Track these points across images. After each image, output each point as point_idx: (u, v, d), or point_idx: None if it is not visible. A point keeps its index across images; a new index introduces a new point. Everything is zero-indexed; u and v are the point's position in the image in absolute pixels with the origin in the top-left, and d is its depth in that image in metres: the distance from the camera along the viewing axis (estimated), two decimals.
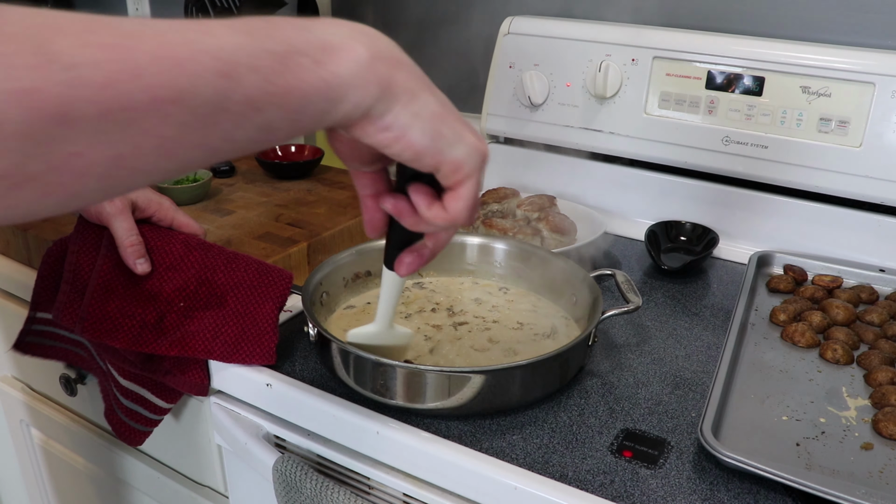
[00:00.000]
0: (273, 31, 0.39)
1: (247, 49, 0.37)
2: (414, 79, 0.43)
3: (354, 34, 0.41)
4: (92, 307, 0.70)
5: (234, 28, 0.37)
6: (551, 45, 1.11)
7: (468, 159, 0.45)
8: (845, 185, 0.95)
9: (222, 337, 0.72)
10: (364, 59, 0.41)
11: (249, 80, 0.37)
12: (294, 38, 0.39)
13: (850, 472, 0.61)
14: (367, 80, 0.41)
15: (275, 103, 0.38)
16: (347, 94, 0.40)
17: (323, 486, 0.68)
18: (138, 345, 0.71)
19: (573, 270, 0.82)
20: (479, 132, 0.48)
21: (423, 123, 0.43)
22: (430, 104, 0.44)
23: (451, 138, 0.44)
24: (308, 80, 0.39)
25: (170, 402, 0.82)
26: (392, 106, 0.42)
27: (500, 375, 0.66)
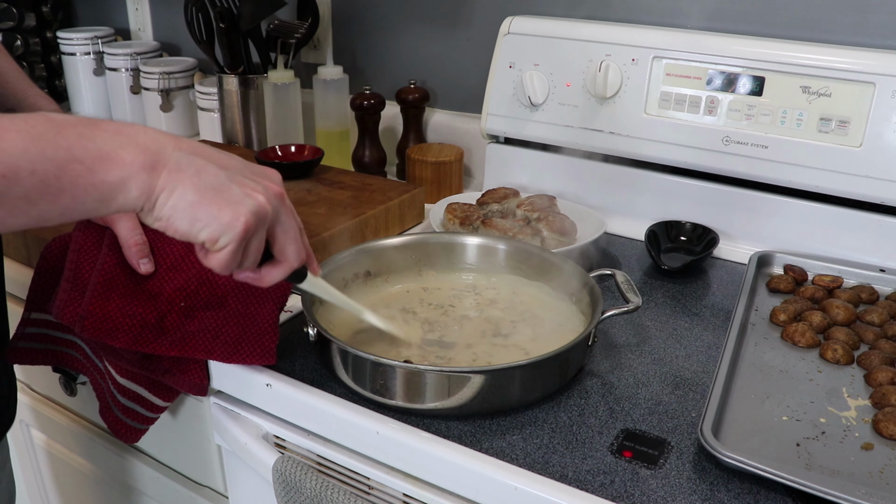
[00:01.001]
0: (58, 138, 0.47)
1: (29, 155, 0.45)
2: (175, 174, 0.52)
3: (127, 143, 0.50)
4: (93, 306, 0.70)
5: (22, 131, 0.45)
6: (551, 45, 1.11)
7: (222, 236, 0.54)
8: (845, 185, 0.95)
9: (223, 337, 0.72)
10: (130, 169, 0.49)
11: (27, 181, 0.45)
12: (74, 147, 0.47)
13: (850, 472, 0.61)
14: (132, 186, 0.50)
15: (48, 201, 0.46)
16: (116, 197, 0.50)
17: (323, 486, 0.68)
18: (138, 344, 0.71)
19: (573, 270, 0.82)
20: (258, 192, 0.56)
21: (181, 213, 0.53)
22: (186, 196, 0.52)
23: (207, 221, 0.53)
24: (80, 185, 0.47)
25: (167, 400, 0.82)
26: (154, 204, 0.52)
27: (499, 375, 0.66)
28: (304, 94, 1.37)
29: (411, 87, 1.30)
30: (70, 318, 0.72)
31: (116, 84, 1.60)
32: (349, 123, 1.35)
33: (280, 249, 0.60)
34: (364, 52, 1.44)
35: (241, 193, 0.54)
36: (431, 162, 1.19)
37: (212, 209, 0.53)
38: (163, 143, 0.52)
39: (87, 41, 1.62)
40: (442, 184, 1.20)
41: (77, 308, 0.72)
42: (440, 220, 1.03)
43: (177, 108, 1.55)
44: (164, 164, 0.51)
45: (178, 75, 1.53)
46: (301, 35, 1.33)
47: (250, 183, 0.56)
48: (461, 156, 1.23)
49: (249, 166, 0.58)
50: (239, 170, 0.56)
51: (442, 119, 1.35)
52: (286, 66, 1.32)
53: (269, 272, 0.61)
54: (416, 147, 1.25)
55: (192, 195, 0.52)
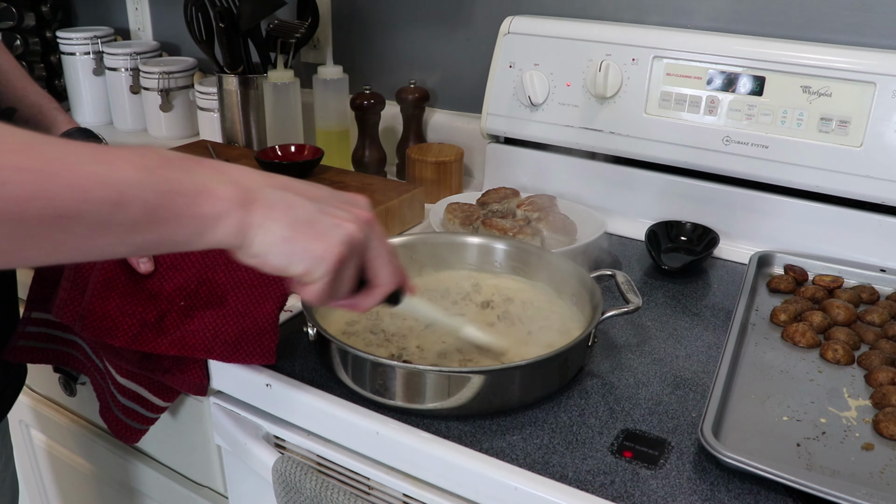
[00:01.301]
0: (163, 170, 0.49)
1: (138, 183, 0.47)
2: (267, 211, 0.53)
3: (225, 180, 0.52)
4: (92, 305, 0.70)
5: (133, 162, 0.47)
6: (551, 45, 1.11)
7: (314, 268, 0.55)
8: (846, 184, 0.94)
9: (222, 336, 0.72)
10: (226, 202, 0.51)
11: (134, 210, 0.47)
12: (177, 180, 0.49)
13: (850, 472, 0.61)
14: (227, 222, 0.51)
15: (150, 229, 0.48)
16: (211, 230, 0.51)
17: (323, 486, 0.68)
18: (138, 344, 0.71)
19: (573, 270, 0.82)
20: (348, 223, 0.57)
21: (275, 248, 0.54)
22: (277, 232, 0.53)
23: (300, 255, 0.54)
24: (181, 216, 0.49)
25: (167, 400, 0.82)
26: (250, 241, 0.53)
27: (499, 376, 0.66)
28: (304, 94, 1.37)
29: (411, 87, 1.30)
30: (70, 317, 0.72)
31: (116, 84, 1.60)
32: (349, 123, 1.35)
33: (374, 274, 0.60)
34: (364, 52, 1.44)
35: (331, 224, 0.55)
36: (431, 162, 1.19)
37: (304, 243, 0.54)
38: (256, 180, 0.54)
39: (87, 41, 1.62)
40: (442, 184, 1.20)
41: (77, 307, 0.72)
42: (440, 220, 1.03)
43: (176, 108, 1.55)
44: (256, 200, 0.53)
45: (177, 75, 1.53)
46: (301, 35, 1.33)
47: (339, 213, 0.57)
48: (461, 156, 1.23)
49: (337, 195, 0.59)
50: (327, 200, 0.58)
51: (442, 119, 1.35)
52: (286, 66, 1.32)
53: (365, 298, 0.61)
54: (416, 147, 1.25)
55: (285, 230, 0.54)
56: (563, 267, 0.83)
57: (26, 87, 0.86)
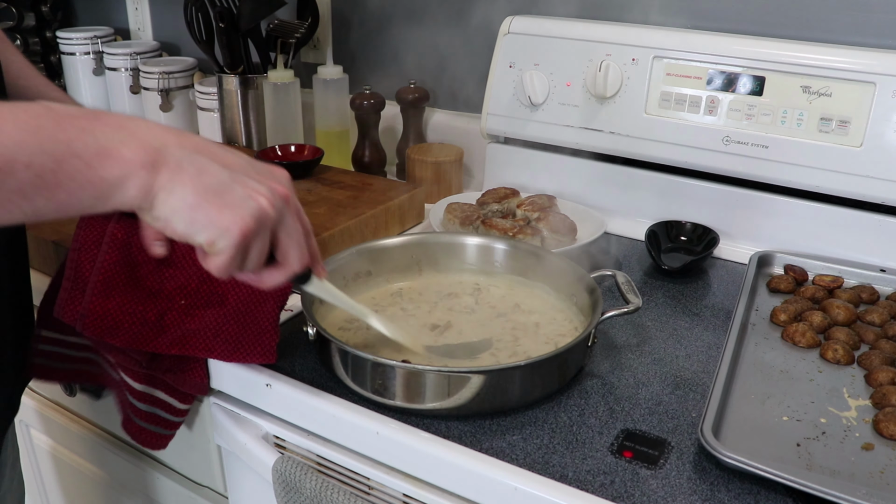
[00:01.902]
0: (58, 131, 0.45)
1: (26, 147, 0.44)
2: (175, 174, 0.50)
3: (128, 139, 0.49)
4: (93, 304, 0.70)
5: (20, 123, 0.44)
6: (551, 45, 1.11)
7: (219, 239, 0.53)
8: (846, 184, 0.94)
9: (223, 336, 0.72)
10: (130, 164, 0.48)
11: (22, 175, 0.44)
12: (74, 141, 0.46)
13: (850, 472, 0.61)
14: (130, 184, 0.49)
15: (44, 196, 0.45)
16: (114, 194, 0.49)
17: (323, 486, 0.68)
18: (139, 343, 0.71)
19: (573, 270, 0.82)
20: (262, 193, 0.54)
21: (179, 215, 0.51)
22: (185, 198, 0.51)
23: (204, 224, 0.52)
24: (77, 181, 0.46)
25: (185, 402, 0.81)
26: (154, 203, 0.51)
27: (498, 376, 0.66)
28: (303, 94, 1.37)
29: (411, 87, 1.30)
30: (71, 316, 0.72)
31: (116, 84, 1.60)
32: (349, 123, 1.35)
33: (282, 253, 0.58)
34: (364, 52, 1.44)
35: (242, 195, 0.53)
36: (431, 162, 1.19)
37: (210, 212, 0.51)
38: (165, 139, 0.51)
39: (87, 41, 1.62)
40: (442, 184, 1.20)
41: (77, 306, 0.72)
42: (440, 220, 1.03)
43: (176, 108, 1.55)
44: (164, 162, 0.50)
45: (177, 75, 1.53)
46: (301, 35, 1.33)
47: (254, 184, 0.54)
48: (461, 156, 1.23)
49: (255, 165, 0.56)
50: (243, 169, 0.54)
51: (442, 119, 1.35)
52: (286, 66, 1.32)
53: (270, 275, 0.59)
54: (416, 147, 1.25)
55: (192, 197, 0.51)
56: (563, 267, 0.83)
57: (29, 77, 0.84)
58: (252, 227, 0.53)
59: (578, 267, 0.82)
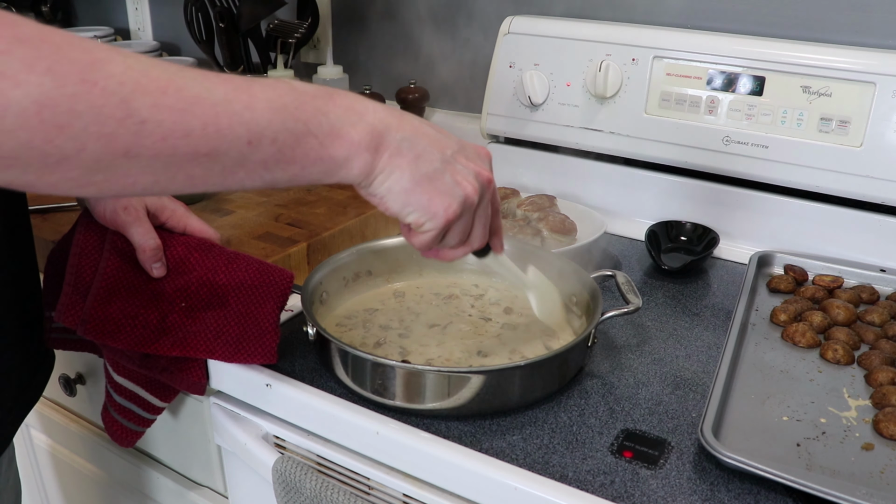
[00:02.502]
0: (299, 111, 0.50)
1: (273, 125, 0.49)
2: (395, 158, 0.55)
3: (357, 121, 0.53)
4: (94, 309, 0.70)
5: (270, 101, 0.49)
6: (551, 45, 1.11)
7: (426, 222, 0.58)
8: (846, 185, 0.94)
9: (224, 337, 0.72)
10: (356, 146, 0.53)
11: (267, 150, 0.49)
12: (311, 121, 0.51)
13: (850, 472, 0.61)
14: (355, 164, 0.53)
15: (282, 168, 0.50)
16: (339, 171, 0.53)
17: (323, 486, 0.68)
18: (140, 346, 0.71)
19: (573, 270, 0.82)
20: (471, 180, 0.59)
21: (394, 196, 0.56)
22: (402, 182, 0.56)
23: (415, 207, 0.57)
24: (311, 157, 0.51)
25: (165, 400, 0.81)
26: (372, 182, 0.55)
27: (498, 376, 0.66)
28: None
29: (411, 87, 1.30)
30: (72, 321, 0.72)
31: None
32: None
33: (471, 233, 0.63)
34: (364, 53, 1.44)
35: (452, 183, 0.57)
36: None
37: (423, 198, 0.56)
38: (389, 122, 0.55)
39: None
40: None
41: (79, 311, 0.72)
42: None
43: None
44: (386, 146, 0.54)
45: None
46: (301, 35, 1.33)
47: (463, 170, 0.58)
48: None
49: (465, 147, 0.60)
50: (455, 153, 0.59)
51: (442, 119, 1.35)
52: (286, 66, 1.32)
53: (452, 251, 0.64)
54: None
55: (408, 182, 0.56)
56: (563, 267, 0.83)
57: None
58: (457, 213, 0.58)
59: (578, 267, 0.82)
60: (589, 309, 0.76)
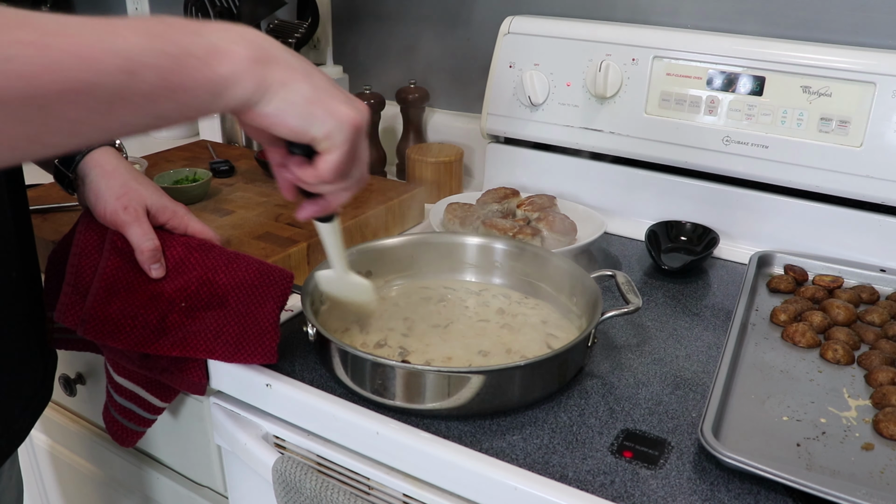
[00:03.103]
0: (170, 33, 0.47)
1: (147, 50, 0.45)
2: (288, 71, 0.52)
3: (237, 38, 0.50)
4: (94, 309, 0.70)
5: (138, 30, 0.46)
6: (551, 45, 1.11)
7: (336, 132, 0.54)
8: (846, 185, 0.94)
9: (224, 337, 0.72)
10: (243, 61, 0.50)
11: (147, 77, 0.45)
12: (187, 42, 0.48)
13: (850, 472, 0.61)
14: (245, 78, 0.50)
15: (167, 97, 0.47)
16: (228, 90, 0.50)
17: (323, 486, 0.68)
18: (140, 346, 0.71)
19: (573, 271, 0.82)
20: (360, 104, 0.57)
21: (295, 109, 0.52)
22: (301, 91, 0.53)
23: (321, 117, 0.53)
24: (196, 78, 0.48)
25: (165, 400, 0.81)
26: (267, 97, 0.52)
27: (498, 376, 0.66)
28: None
29: (411, 87, 1.30)
30: (72, 321, 0.72)
31: None
32: None
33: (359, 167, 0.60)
34: (364, 53, 1.44)
35: (347, 97, 0.56)
36: (431, 162, 1.19)
37: (329, 105, 0.54)
38: (271, 41, 0.53)
39: None
40: (442, 184, 1.20)
41: (79, 311, 0.72)
42: (440, 220, 1.03)
43: None
44: (275, 59, 0.52)
45: None
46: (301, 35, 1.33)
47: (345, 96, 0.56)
48: (461, 156, 1.23)
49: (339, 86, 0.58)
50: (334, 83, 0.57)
51: (442, 119, 1.35)
52: None
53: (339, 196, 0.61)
54: (416, 147, 1.25)
55: (309, 91, 0.53)
56: (563, 267, 0.83)
57: None
58: (363, 123, 0.56)
59: (578, 267, 0.82)
60: (589, 309, 0.76)
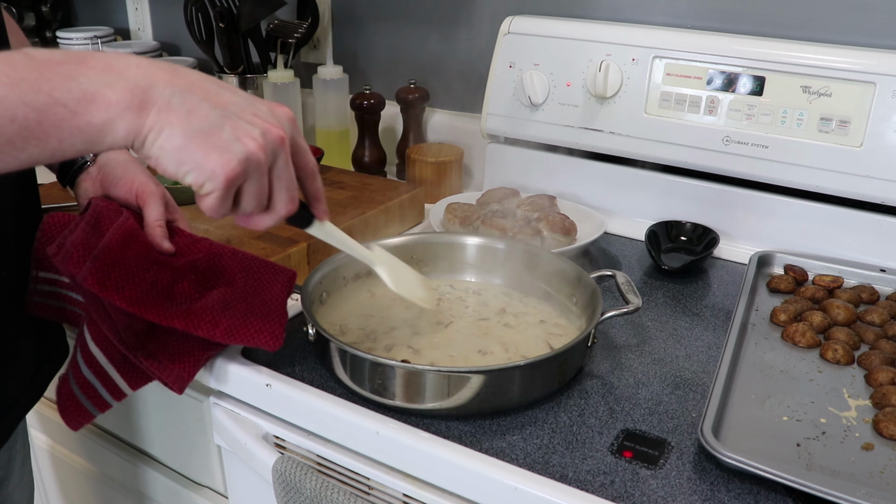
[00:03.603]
0: (40, 81, 0.47)
1: (7, 101, 0.45)
2: (164, 114, 0.51)
3: (114, 80, 0.49)
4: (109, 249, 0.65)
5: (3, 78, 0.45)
6: (551, 45, 1.11)
7: (207, 182, 0.53)
8: (846, 185, 0.94)
9: (230, 312, 0.69)
10: (115, 107, 0.49)
11: (7, 128, 0.45)
12: (57, 90, 0.47)
13: (850, 472, 0.61)
14: (118, 126, 0.50)
15: (34, 145, 0.47)
16: (104, 136, 0.50)
17: (323, 486, 0.68)
18: (143, 305, 0.65)
19: (573, 270, 0.82)
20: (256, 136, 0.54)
21: (168, 155, 0.52)
22: (172, 139, 0.51)
23: (191, 166, 0.52)
24: (64, 128, 0.48)
25: (132, 386, 0.74)
26: (143, 142, 0.51)
27: (498, 376, 0.66)
28: (303, 94, 1.37)
29: (411, 87, 1.30)
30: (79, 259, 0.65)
31: None
32: (349, 123, 1.35)
33: (272, 197, 0.57)
34: (364, 52, 1.44)
35: (231, 139, 0.52)
36: (431, 162, 1.19)
37: (196, 154, 0.51)
38: (154, 78, 0.51)
39: (87, 41, 1.62)
40: (442, 184, 1.20)
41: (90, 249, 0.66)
42: (440, 220, 1.03)
43: None
44: (153, 103, 0.50)
45: None
46: (301, 35, 1.33)
47: (246, 126, 0.53)
48: (461, 156, 1.23)
49: (255, 104, 0.55)
50: (239, 109, 0.54)
51: (442, 119, 1.35)
52: (286, 66, 1.32)
53: (260, 218, 0.59)
54: (416, 147, 1.25)
55: (179, 138, 0.51)
56: (563, 267, 0.83)
57: None
58: (238, 172, 0.52)
59: (578, 267, 0.82)
60: (588, 309, 0.76)
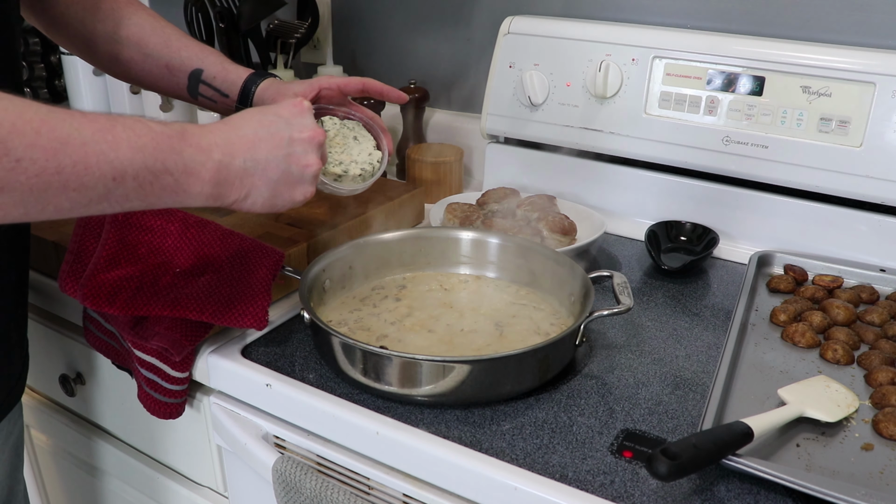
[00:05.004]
0: (157, 151, 0.57)
1: (135, 164, 0.55)
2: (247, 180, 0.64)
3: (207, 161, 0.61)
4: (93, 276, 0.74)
5: (132, 143, 0.55)
6: (551, 45, 1.11)
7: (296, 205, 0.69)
8: (846, 184, 0.94)
9: (215, 297, 0.75)
10: (206, 184, 0.61)
11: (129, 185, 0.55)
12: (168, 160, 0.58)
13: (850, 472, 0.61)
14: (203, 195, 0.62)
15: (140, 199, 0.57)
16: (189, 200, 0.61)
17: (323, 486, 0.68)
18: (134, 307, 0.74)
19: (571, 269, 0.82)
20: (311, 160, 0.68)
21: (260, 208, 0.66)
22: (261, 196, 0.66)
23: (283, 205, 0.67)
24: (167, 191, 0.59)
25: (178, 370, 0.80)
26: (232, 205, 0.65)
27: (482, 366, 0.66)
28: None
29: (411, 87, 1.30)
30: (71, 288, 0.76)
31: (116, 84, 1.59)
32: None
33: None
34: (364, 52, 1.44)
35: (299, 173, 0.67)
36: (431, 162, 1.19)
37: (284, 197, 0.67)
38: (230, 152, 0.62)
39: None
40: (442, 184, 1.20)
41: (78, 279, 0.76)
42: (440, 220, 1.03)
43: (177, 109, 1.55)
44: (231, 179, 0.63)
45: None
46: (301, 35, 1.33)
47: (301, 153, 0.67)
48: (461, 156, 1.23)
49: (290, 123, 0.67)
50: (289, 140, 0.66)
51: (442, 119, 1.35)
52: (286, 66, 1.32)
53: None
54: (416, 147, 1.25)
55: (266, 194, 0.65)
56: (562, 267, 0.83)
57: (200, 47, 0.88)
58: (313, 192, 0.69)
59: (576, 266, 0.82)
60: (579, 307, 0.76)
